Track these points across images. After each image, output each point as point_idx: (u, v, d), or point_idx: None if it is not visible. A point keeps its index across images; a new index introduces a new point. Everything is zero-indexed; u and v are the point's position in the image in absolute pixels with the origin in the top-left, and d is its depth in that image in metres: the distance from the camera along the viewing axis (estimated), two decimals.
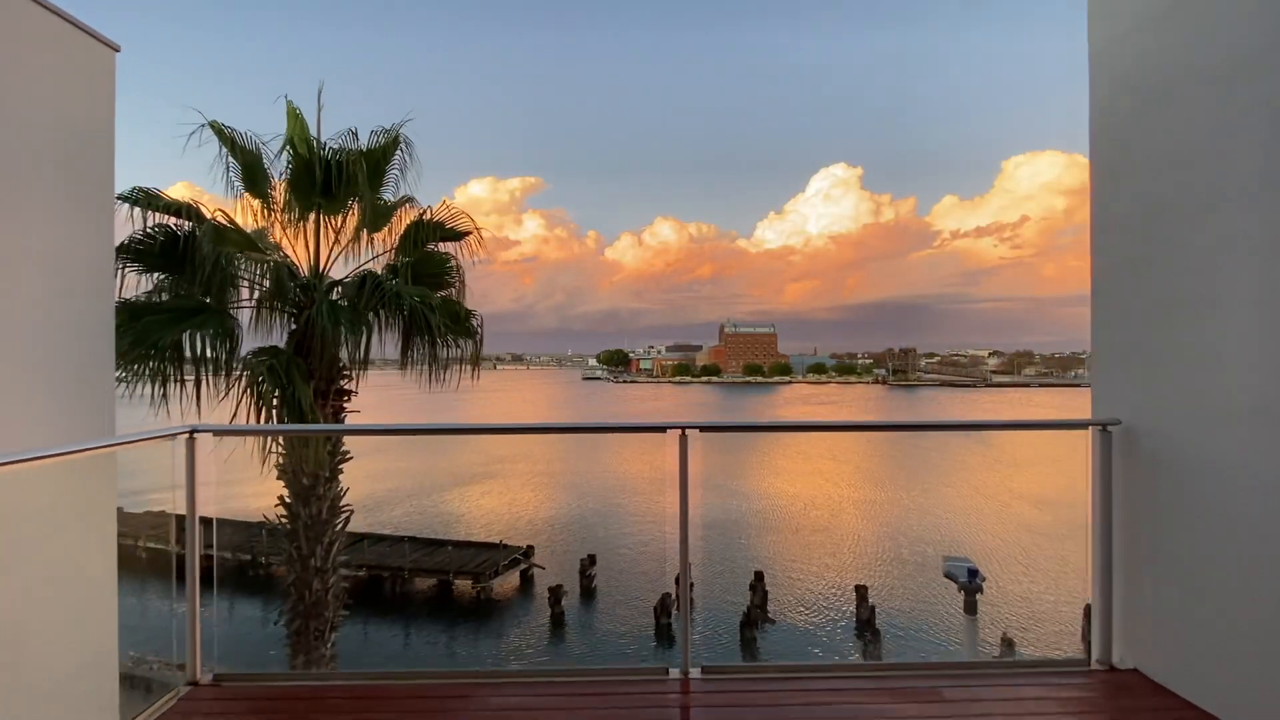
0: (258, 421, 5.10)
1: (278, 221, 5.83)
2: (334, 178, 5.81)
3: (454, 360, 6.24)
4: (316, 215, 5.97)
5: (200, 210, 5.57)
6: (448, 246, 7.09)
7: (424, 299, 5.58)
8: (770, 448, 53.19)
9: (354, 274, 6.00)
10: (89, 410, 3.34)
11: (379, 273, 5.95)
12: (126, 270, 5.35)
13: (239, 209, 5.81)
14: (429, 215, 6.72)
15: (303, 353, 5.63)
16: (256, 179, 5.77)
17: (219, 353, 5.20)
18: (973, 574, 17.16)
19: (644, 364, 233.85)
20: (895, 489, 36.30)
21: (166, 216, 5.29)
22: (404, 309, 5.55)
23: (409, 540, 24.30)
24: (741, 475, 40.95)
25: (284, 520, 6.11)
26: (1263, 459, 1.91)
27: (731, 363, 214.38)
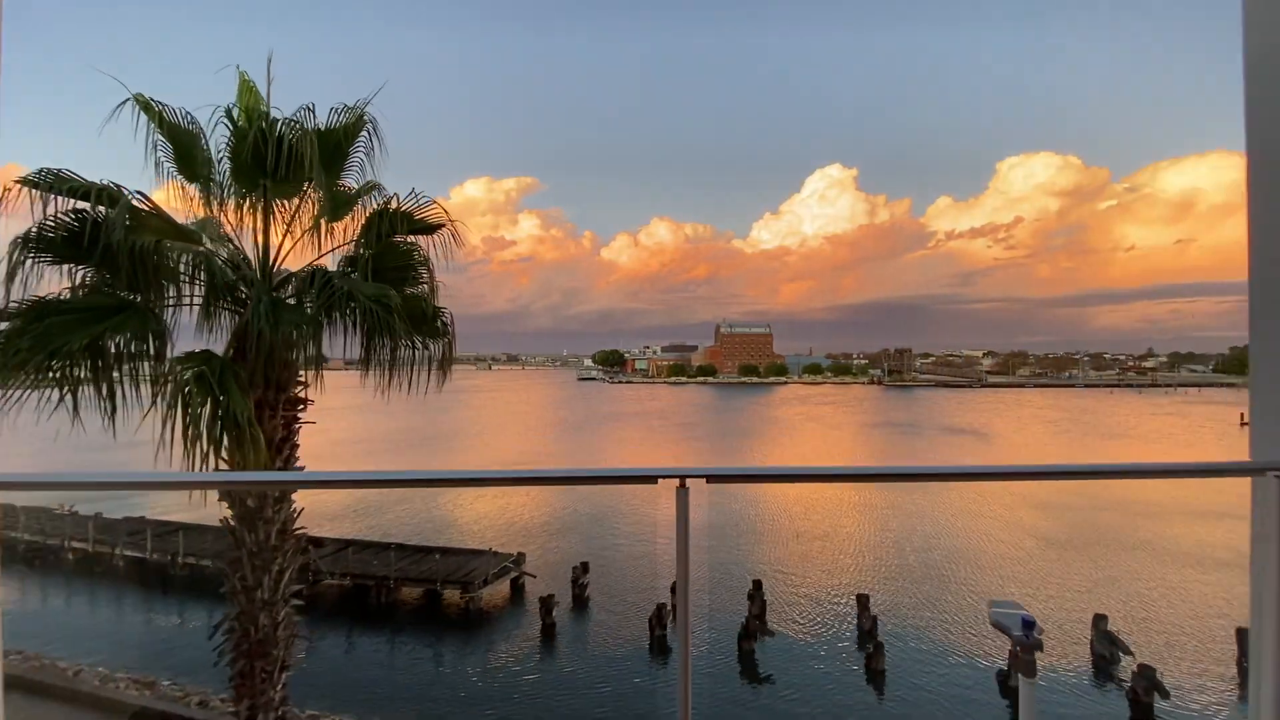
0: (185, 440, 4.30)
1: (216, 207, 5.09)
2: (282, 156, 5.08)
3: (420, 363, 5.53)
4: (263, 200, 5.25)
5: (124, 195, 4.84)
6: (421, 240, 6.42)
7: (382, 297, 4.87)
8: (767, 450, 52.63)
9: (304, 269, 5.27)
10: None
11: (328, 268, 5.22)
12: (39, 263, 4.64)
13: (171, 193, 5.09)
14: (395, 205, 6.03)
15: (243, 357, 4.91)
16: (192, 159, 5.03)
17: (140, 359, 4.47)
18: (1029, 625, 14.59)
19: (639, 364, 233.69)
20: (896, 492, 35.72)
21: (81, 202, 4.56)
22: (357, 308, 4.83)
23: (395, 547, 23.64)
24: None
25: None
26: None
27: (727, 363, 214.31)
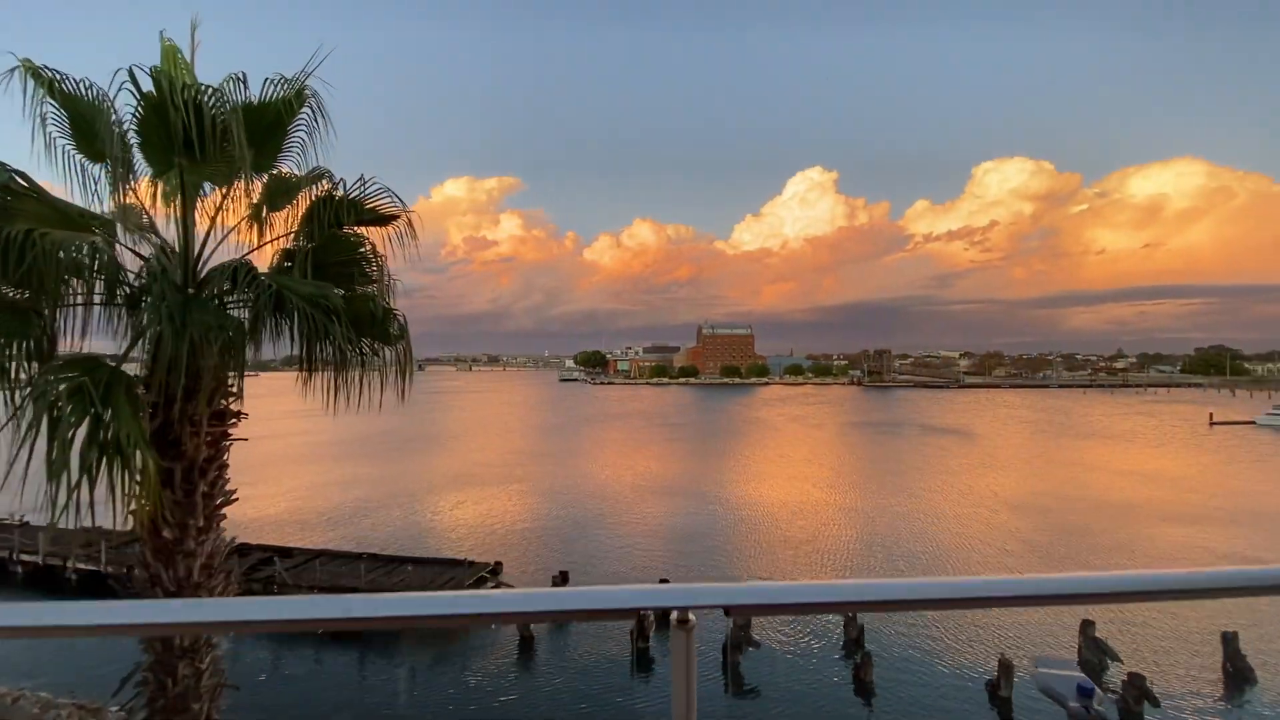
0: (48, 470, 3.42)
1: (124, 192, 4.33)
2: (205, 132, 4.35)
3: (370, 370, 4.84)
4: (179, 183, 4.51)
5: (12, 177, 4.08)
6: (375, 234, 5.73)
7: (319, 297, 4.17)
8: (750, 452, 52.28)
9: (226, 263, 4.53)
10: None
11: (251, 262, 4.48)
12: None
13: (69, 175, 4.32)
14: (340, 192, 5.31)
15: (152, 366, 4.18)
16: (93, 136, 4.28)
17: (10, 366, 3.70)
18: (1086, 694, 12.84)
19: (621, 365, 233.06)
20: (884, 495, 35.52)
21: None
22: (290, 309, 4.12)
23: (367, 558, 22.70)
24: (720, 481, 39.86)
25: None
26: None
27: (709, 363, 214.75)
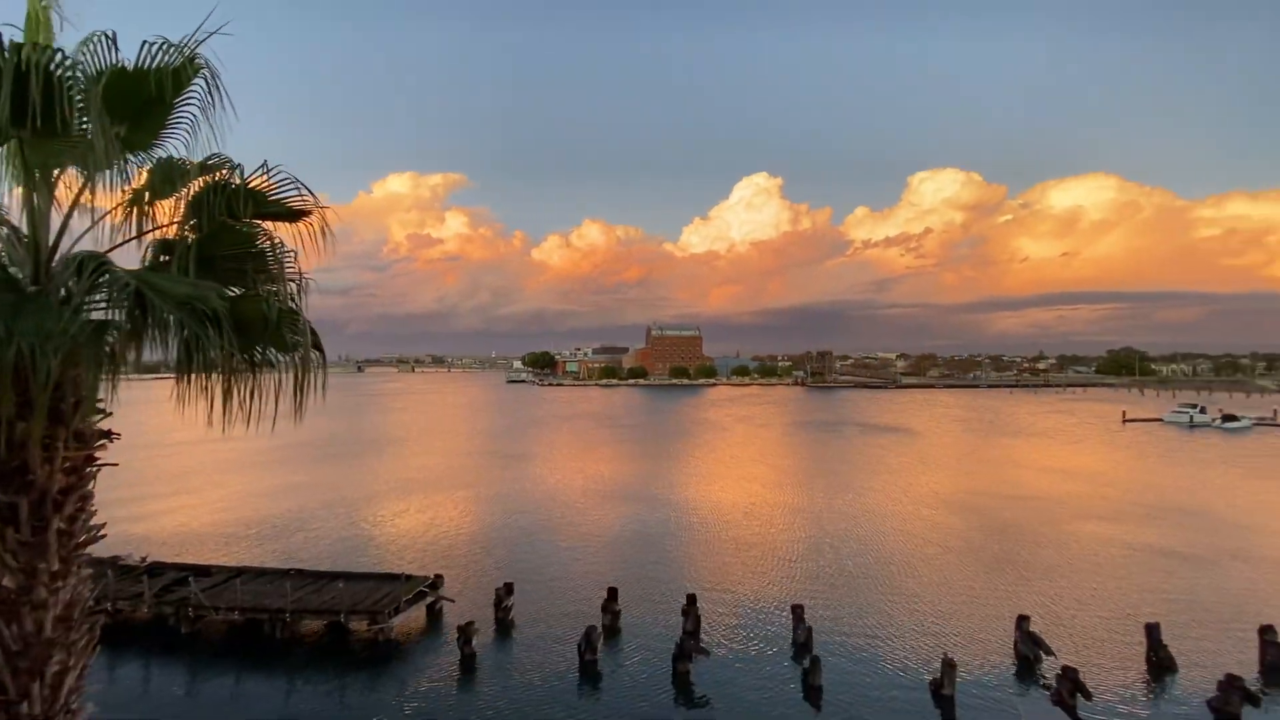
0: None
1: None
2: (56, 100, 3.58)
3: (262, 381, 4.16)
4: (21, 159, 3.72)
5: None
6: (284, 230, 5.01)
7: (194, 298, 3.49)
8: (699, 453, 52.46)
9: (75, 254, 3.75)
10: None
11: (102, 254, 3.73)
12: None
13: None
14: (238, 179, 4.58)
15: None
16: None
17: None
18: None
19: (570, 366, 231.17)
20: (830, 495, 36.17)
21: None
22: (154, 313, 3.41)
23: (293, 574, 21.16)
24: (670, 484, 39.69)
25: None
26: None
27: (658, 365, 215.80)
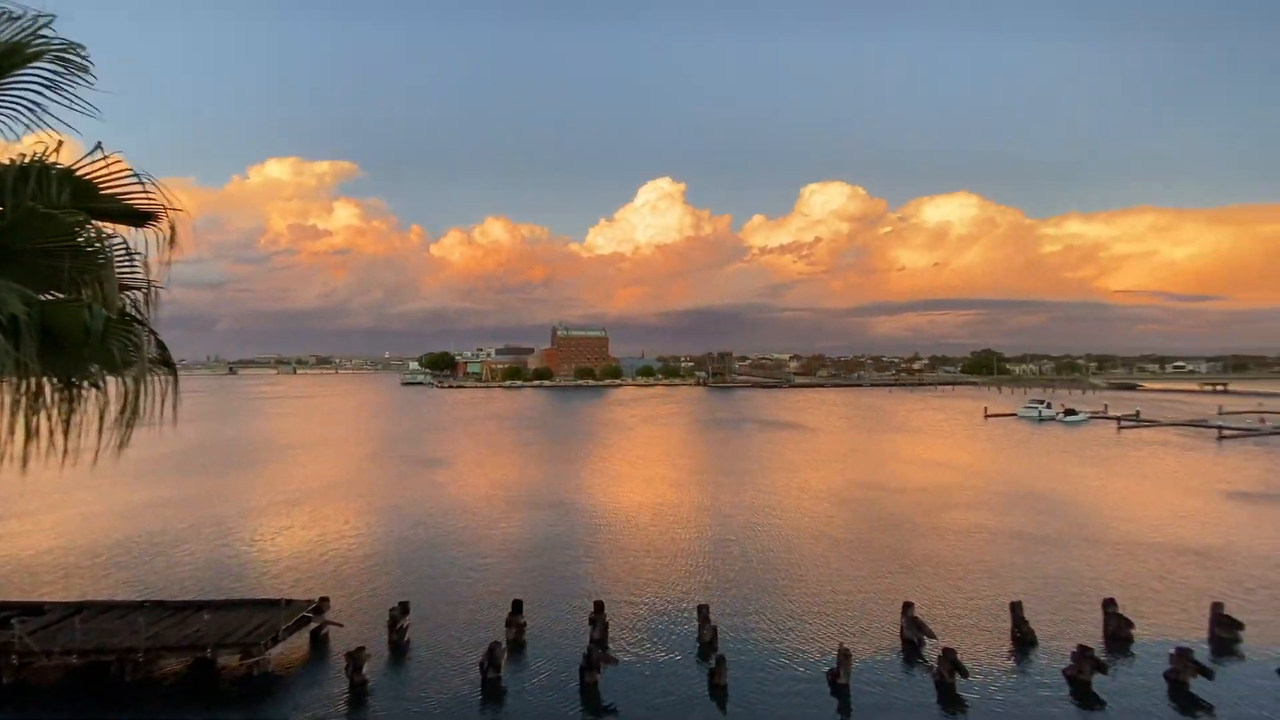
0: None
1: None
2: None
3: (78, 402, 3.46)
4: None
5: None
6: (124, 229, 4.23)
7: None
8: (606, 455, 52.37)
9: None
10: None
11: None
12: None
13: None
14: (55, 159, 3.77)
15: None
16: None
17: None
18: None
19: (472, 367, 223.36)
20: (734, 492, 37.25)
21: None
22: None
23: (148, 607, 18.50)
24: (578, 488, 39.27)
25: None
26: None
27: (564, 365, 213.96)
